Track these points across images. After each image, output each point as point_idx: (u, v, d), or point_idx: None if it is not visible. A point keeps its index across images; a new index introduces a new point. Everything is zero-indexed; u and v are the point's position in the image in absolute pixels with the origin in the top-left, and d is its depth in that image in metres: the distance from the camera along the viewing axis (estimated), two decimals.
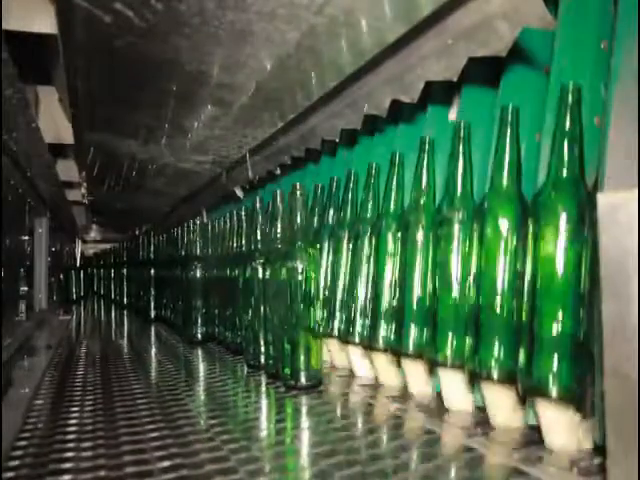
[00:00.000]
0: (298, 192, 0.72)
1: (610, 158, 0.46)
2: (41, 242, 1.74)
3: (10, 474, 0.47)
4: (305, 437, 0.54)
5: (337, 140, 0.84)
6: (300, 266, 0.72)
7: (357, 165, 0.85)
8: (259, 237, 0.88)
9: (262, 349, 0.81)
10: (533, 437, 0.51)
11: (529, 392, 0.49)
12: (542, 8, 0.46)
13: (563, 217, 0.47)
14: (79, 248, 3.56)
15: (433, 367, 0.61)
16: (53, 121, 1.19)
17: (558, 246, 0.47)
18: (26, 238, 1.50)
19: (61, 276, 2.45)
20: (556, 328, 0.47)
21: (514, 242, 0.53)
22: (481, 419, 0.57)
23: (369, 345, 0.71)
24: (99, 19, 0.60)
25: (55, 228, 2.06)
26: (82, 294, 2.76)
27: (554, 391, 0.47)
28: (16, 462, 0.50)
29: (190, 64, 0.70)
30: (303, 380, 0.70)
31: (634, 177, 0.43)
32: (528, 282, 0.49)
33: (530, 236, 0.50)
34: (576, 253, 0.47)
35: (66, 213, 2.16)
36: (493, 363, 0.53)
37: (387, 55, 0.62)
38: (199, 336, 1.13)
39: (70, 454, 0.51)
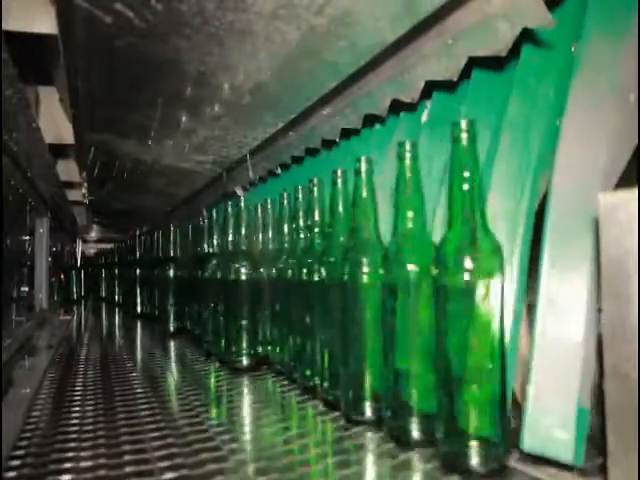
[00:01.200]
0: (242, 205, 0.89)
1: (561, 152, 0.47)
2: (42, 242, 1.74)
3: (12, 474, 0.47)
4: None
5: (337, 140, 0.85)
6: (242, 268, 0.87)
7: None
8: (215, 243, 1.06)
9: (216, 338, 0.96)
10: None
11: None
12: (542, 8, 0.46)
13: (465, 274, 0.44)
14: (79, 248, 3.57)
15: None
16: (54, 121, 1.19)
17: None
18: (27, 238, 1.50)
19: (62, 276, 2.46)
20: None
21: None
22: None
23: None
24: (99, 20, 0.60)
25: (56, 228, 2.06)
26: (83, 294, 2.77)
27: None
28: (18, 462, 0.50)
29: (190, 64, 0.70)
30: (245, 362, 0.86)
31: (587, 172, 0.44)
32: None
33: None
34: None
35: (67, 213, 2.16)
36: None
37: (387, 55, 0.62)
38: (171, 329, 1.32)
39: (71, 453, 0.51)
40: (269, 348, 0.85)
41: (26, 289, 1.48)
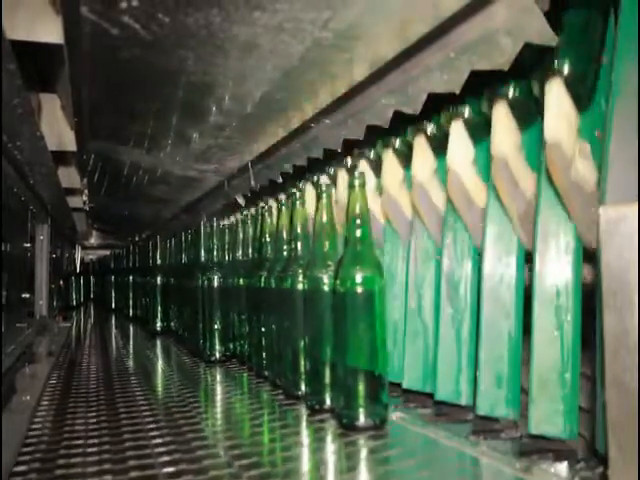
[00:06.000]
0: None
1: (611, 172, 0.47)
2: (42, 249, 1.74)
3: (18, 479, 0.48)
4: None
5: (339, 150, 0.85)
6: (158, 277, 1.57)
7: None
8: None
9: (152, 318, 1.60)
10: (535, 446, 0.52)
11: None
12: (544, 24, 0.47)
13: None
14: (79, 254, 3.56)
15: None
16: (55, 128, 1.20)
17: None
18: (27, 245, 1.50)
19: (61, 282, 2.46)
20: None
21: None
22: None
23: None
24: (106, 31, 0.61)
25: (56, 235, 2.07)
26: (82, 300, 2.78)
27: None
28: (23, 467, 0.50)
29: (195, 75, 0.71)
30: (158, 328, 1.55)
31: (635, 190, 0.44)
32: None
33: None
34: None
35: (67, 220, 2.16)
36: None
37: (390, 68, 0.63)
38: (130, 314, 1.99)
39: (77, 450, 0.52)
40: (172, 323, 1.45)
41: (26, 296, 1.48)
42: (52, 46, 0.72)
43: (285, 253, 0.80)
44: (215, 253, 1.09)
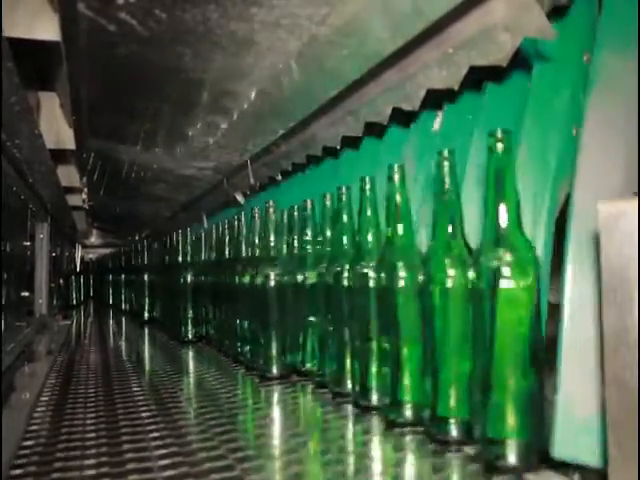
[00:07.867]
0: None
1: (584, 163, 0.47)
2: (42, 247, 1.74)
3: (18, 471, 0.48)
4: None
5: (338, 147, 0.85)
6: (146, 275, 1.76)
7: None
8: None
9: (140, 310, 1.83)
10: None
11: None
12: (543, 20, 0.47)
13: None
14: (79, 253, 3.57)
15: None
16: (54, 127, 1.19)
17: None
18: (27, 243, 1.51)
19: (61, 281, 2.46)
20: None
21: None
22: None
23: None
24: (103, 28, 0.61)
25: (56, 233, 2.07)
26: (82, 299, 2.78)
27: None
28: (21, 468, 0.50)
29: (193, 72, 0.71)
30: (146, 318, 1.75)
31: (607, 184, 0.44)
32: None
33: None
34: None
35: (67, 218, 2.16)
36: None
37: (389, 64, 0.63)
38: (123, 308, 2.21)
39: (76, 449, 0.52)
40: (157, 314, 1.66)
41: (26, 294, 1.48)
42: (49, 43, 0.72)
43: (233, 256, 1.04)
44: (188, 256, 1.36)
